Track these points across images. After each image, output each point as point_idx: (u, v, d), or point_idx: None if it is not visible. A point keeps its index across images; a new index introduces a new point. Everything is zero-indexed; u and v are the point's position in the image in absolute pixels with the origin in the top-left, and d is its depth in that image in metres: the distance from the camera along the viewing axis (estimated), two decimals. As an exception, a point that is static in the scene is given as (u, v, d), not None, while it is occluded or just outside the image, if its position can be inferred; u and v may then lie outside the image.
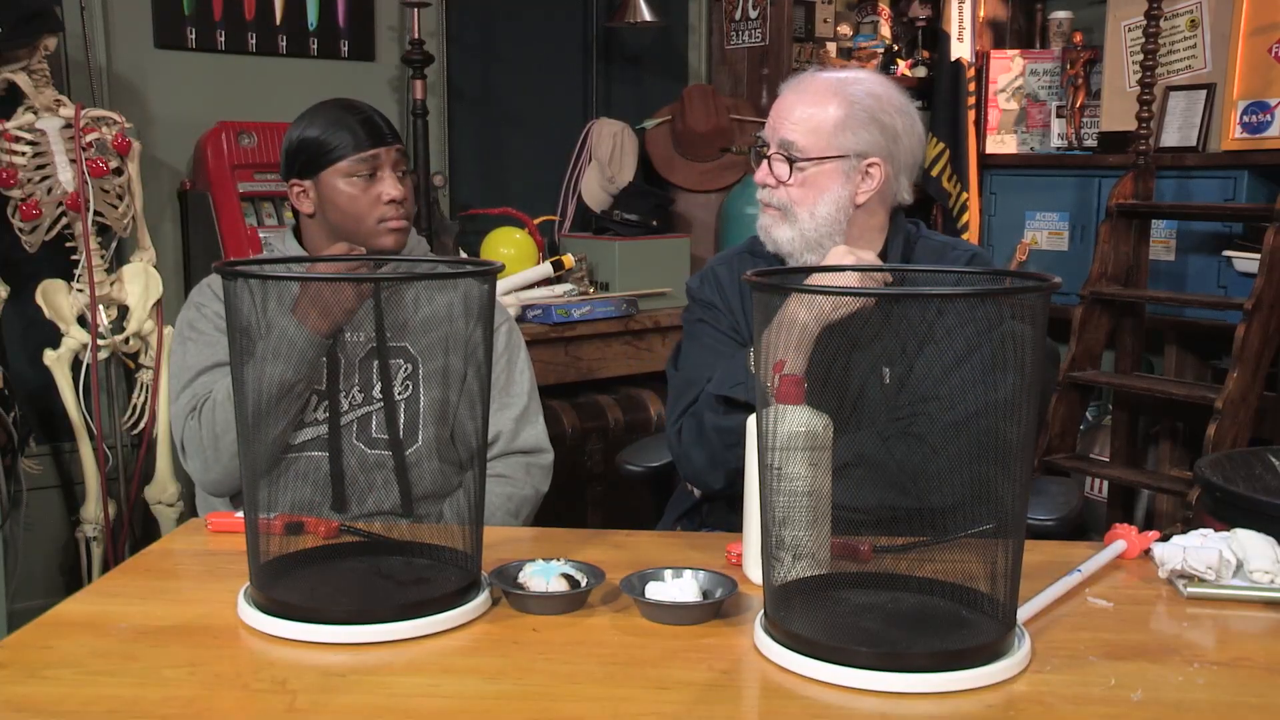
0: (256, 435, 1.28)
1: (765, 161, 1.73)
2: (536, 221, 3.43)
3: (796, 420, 1.23)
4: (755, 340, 1.24)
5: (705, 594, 1.26)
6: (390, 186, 1.80)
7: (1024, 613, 1.23)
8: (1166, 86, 3.49)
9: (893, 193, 1.75)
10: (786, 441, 1.22)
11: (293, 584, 1.27)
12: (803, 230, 1.71)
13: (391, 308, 1.69)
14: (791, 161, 1.69)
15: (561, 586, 1.29)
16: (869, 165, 1.70)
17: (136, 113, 2.88)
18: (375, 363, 1.77)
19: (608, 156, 3.59)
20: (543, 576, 1.30)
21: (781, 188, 1.71)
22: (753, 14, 3.75)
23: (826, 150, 1.68)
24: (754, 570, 1.34)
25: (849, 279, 1.52)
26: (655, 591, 1.26)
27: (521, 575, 1.31)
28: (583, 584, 1.30)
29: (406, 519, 1.73)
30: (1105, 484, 3.57)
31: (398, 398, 1.79)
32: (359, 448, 1.77)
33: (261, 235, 2.87)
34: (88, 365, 2.66)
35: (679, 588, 1.26)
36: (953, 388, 1.20)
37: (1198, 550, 1.34)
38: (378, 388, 1.78)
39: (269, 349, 1.41)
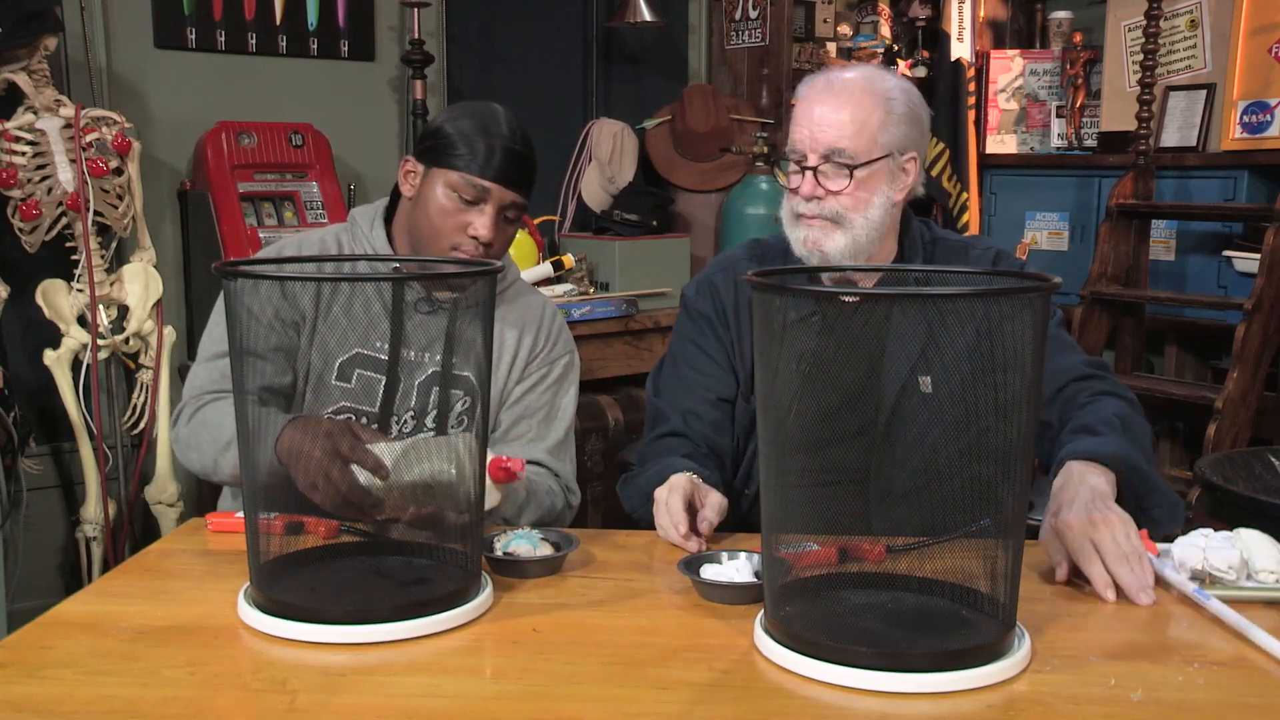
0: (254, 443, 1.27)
1: (809, 175, 1.65)
2: (536, 221, 3.43)
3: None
4: (755, 340, 1.23)
5: (759, 575, 1.29)
6: (483, 225, 1.66)
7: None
8: (1166, 86, 3.49)
9: (915, 187, 1.72)
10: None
11: (293, 584, 1.27)
12: (855, 237, 1.65)
13: (463, 328, 1.52)
14: (851, 169, 1.63)
15: (547, 550, 1.40)
16: (907, 161, 1.69)
17: (136, 113, 2.88)
18: (435, 390, 1.63)
19: (608, 156, 3.59)
20: (527, 543, 1.40)
21: (830, 197, 1.64)
22: (753, 14, 3.75)
23: (873, 151, 1.64)
24: None
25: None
26: (711, 573, 1.30)
27: (504, 545, 1.40)
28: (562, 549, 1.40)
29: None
30: (1105, 484, 3.57)
31: (452, 430, 1.67)
32: None
33: (262, 236, 2.87)
34: (88, 365, 2.66)
35: (734, 569, 1.31)
36: (963, 387, 1.19)
37: (1218, 550, 1.33)
38: (431, 416, 1.65)
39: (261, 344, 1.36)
